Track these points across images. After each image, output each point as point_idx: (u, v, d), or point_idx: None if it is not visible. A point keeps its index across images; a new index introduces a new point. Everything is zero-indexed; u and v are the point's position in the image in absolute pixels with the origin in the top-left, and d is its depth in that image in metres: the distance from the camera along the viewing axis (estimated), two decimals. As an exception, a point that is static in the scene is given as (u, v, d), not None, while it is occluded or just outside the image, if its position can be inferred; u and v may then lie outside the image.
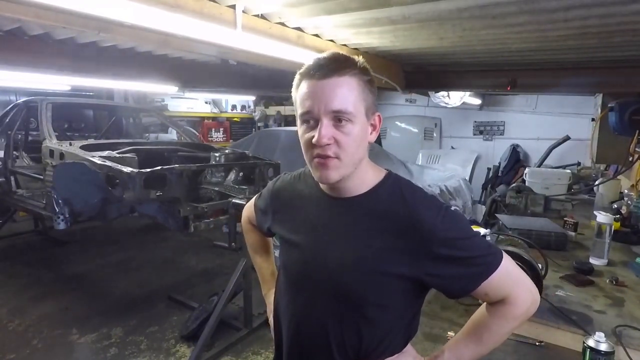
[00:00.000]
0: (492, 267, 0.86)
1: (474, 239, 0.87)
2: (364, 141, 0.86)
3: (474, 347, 0.94)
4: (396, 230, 0.85)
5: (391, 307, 0.90)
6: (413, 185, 0.93)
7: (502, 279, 0.87)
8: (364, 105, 0.83)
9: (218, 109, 8.54)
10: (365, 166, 0.90)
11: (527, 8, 2.07)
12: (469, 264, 0.85)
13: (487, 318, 0.93)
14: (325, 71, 0.81)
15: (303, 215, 0.98)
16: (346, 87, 0.81)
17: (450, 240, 0.84)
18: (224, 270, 4.28)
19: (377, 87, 0.90)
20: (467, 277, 0.86)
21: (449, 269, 0.85)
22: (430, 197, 0.91)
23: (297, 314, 0.98)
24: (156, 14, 1.76)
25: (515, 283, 0.90)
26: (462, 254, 0.85)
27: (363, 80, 0.83)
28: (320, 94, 0.81)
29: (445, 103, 5.79)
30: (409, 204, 0.87)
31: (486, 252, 0.87)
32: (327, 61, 0.82)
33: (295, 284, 0.99)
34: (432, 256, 0.84)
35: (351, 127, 0.82)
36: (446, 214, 0.86)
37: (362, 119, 0.84)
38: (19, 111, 4.54)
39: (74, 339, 3.08)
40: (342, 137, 0.82)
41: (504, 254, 0.89)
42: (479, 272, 0.86)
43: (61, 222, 3.30)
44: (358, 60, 0.84)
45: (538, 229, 2.31)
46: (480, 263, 0.86)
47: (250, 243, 1.30)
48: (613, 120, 2.93)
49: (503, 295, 0.89)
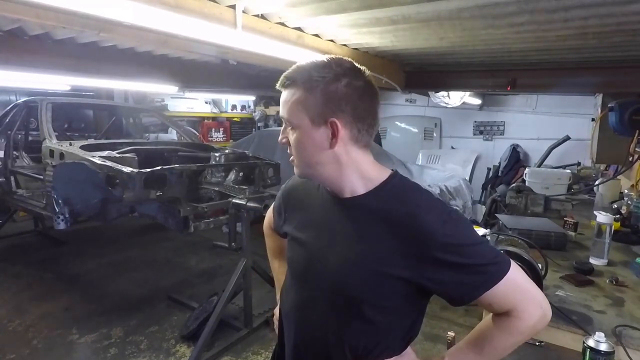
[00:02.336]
0: (496, 277, 0.84)
1: (479, 247, 0.85)
2: (314, 147, 0.88)
3: (474, 357, 0.93)
4: (396, 232, 0.85)
5: (391, 309, 0.90)
6: (418, 187, 0.92)
7: (507, 291, 0.85)
8: (307, 114, 0.86)
9: (218, 109, 8.53)
10: (354, 170, 0.90)
11: (527, 8, 2.07)
12: (470, 272, 0.84)
13: (491, 329, 0.91)
14: (281, 83, 0.90)
15: (309, 214, 1.01)
16: (289, 97, 0.88)
17: (451, 245, 0.83)
18: (224, 270, 4.28)
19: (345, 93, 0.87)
20: (468, 285, 0.85)
21: (449, 275, 0.84)
22: (435, 200, 0.90)
23: (300, 310, 1.00)
24: (156, 14, 1.76)
25: (523, 296, 0.87)
26: (464, 261, 0.83)
27: (306, 92, 0.86)
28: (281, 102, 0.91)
29: (445, 103, 5.79)
30: (411, 206, 0.86)
31: (490, 260, 0.85)
32: (284, 75, 0.90)
33: (299, 281, 1.02)
34: (432, 261, 0.83)
35: (293, 133, 0.90)
36: (449, 218, 0.85)
37: (305, 126, 0.87)
38: (19, 111, 4.54)
39: (74, 339, 3.08)
40: (291, 141, 0.91)
41: (512, 264, 0.87)
42: (481, 281, 0.84)
43: (61, 222, 3.29)
44: (304, 74, 0.87)
45: (538, 229, 2.31)
46: (483, 272, 0.84)
47: (270, 247, 1.32)
48: (613, 120, 2.92)
49: (508, 308, 0.86)
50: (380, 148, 6.15)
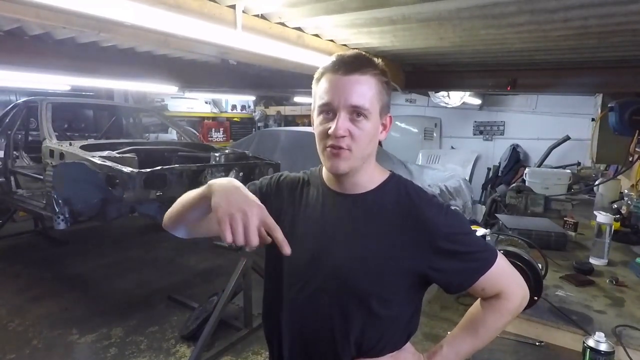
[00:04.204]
0: (489, 263, 0.92)
1: (473, 236, 0.95)
2: (375, 138, 0.91)
3: (471, 340, 0.98)
4: (403, 225, 0.91)
5: (395, 303, 0.93)
6: (416, 186, 0.98)
7: (497, 275, 0.93)
8: (379, 104, 0.89)
9: (218, 109, 8.54)
10: (373, 164, 0.96)
11: (527, 8, 2.07)
12: (469, 259, 0.91)
13: (482, 313, 0.97)
14: (348, 68, 0.86)
15: (307, 211, 0.98)
16: (366, 85, 0.86)
17: (452, 235, 0.90)
18: (224, 270, 4.28)
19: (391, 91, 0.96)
20: (467, 272, 0.92)
21: (451, 263, 0.91)
22: (431, 196, 0.97)
23: (301, 309, 0.96)
24: (156, 14, 1.75)
25: (508, 279, 0.96)
26: (463, 249, 0.91)
27: (381, 81, 0.89)
28: (342, 89, 0.86)
29: (445, 103, 5.78)
30: (415, 202, 0.93)
31: (483, 248, 0.94)
32: (352, 59, 0.87)
33: (299, 279, 0.96)
34: (436, 250, 0.89)
35: (365, 122, 0.87)
36: (448, 211, 0.93)
37: (375, 116, 0.89)
38: (19, 111, 4.54)
39: (74, 339, 3.08)
40: (356, 131, 0.86)
41: (497, 251, 0.96)
42: (477, 267, 0.92)
43: (61, 222, 3.30)
44: (379, 63, 0.90)
45: (538, 229, 2.31)
46: (479, 258, 0.92)
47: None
48: (613, 120, 2.92)
49: (498, 290, 0.94)
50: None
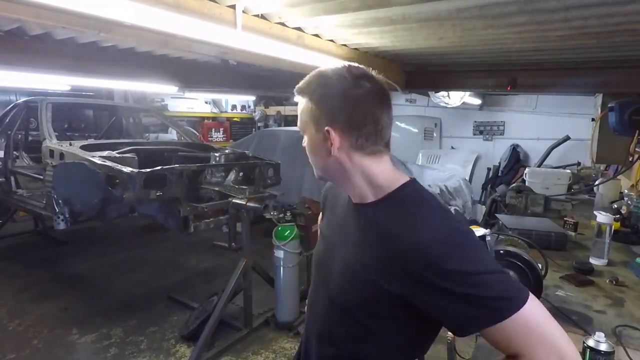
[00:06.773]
0: (502, 314, 0.72)
1: (486, 276, 0.74)
2: (319, 153, 0.92)
3: None
4: (390, 247, 0.81)
5: (389, 319, 0.87)
6: (429, 202, 0.86)
7: (516, 331, 0.72)
8: (312, 122, 0.91)
9: (218, 109, 8.54)
10: (366, 174, 0.89)
11: (527, 8, 2.07)
12: (470, 303, 0.73)
13: None
14: (296, 90, 0.95)
15: (334, 215, 1.06)
16: (300, 105, 0.94)
17: (452, 272, 0.74)
18: (224, 270, 4.28)
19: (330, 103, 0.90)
20: (466, 317, 0.75)
21: (445, 301, 0.75)
22: (443, 220, 0.82)
23: (312, 301, 1.07)
24: (156, 14, 1.75)
25: (537, 340, 0.72)
26: (463, 290, 0.73)
27: (310, 101, 0.91)
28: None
29: (445, 103, 5.78)
30: (414, 225, 0.80)
31: (499, 294, 0.73)
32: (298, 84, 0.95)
33: (314, 275, 1.09)
34: (428, 284, 0.75)
35: (305, 138, 0.95)
36: (456, 242, 0.78)
37: (311, 133, 0.93)
38: (19, 111, 4.54)
39: (74, 339, 3.08)
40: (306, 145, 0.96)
41: (531, 302, 0.74)
42: (482, 315, 0.74)
43: (61, 222, 3.29)
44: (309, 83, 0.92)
45: (538, 229, 2.31)
46: (486, 305, 0.73)
47: None
48: (613, 120, 2.92)
49: (516, 351, 0.74)
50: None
